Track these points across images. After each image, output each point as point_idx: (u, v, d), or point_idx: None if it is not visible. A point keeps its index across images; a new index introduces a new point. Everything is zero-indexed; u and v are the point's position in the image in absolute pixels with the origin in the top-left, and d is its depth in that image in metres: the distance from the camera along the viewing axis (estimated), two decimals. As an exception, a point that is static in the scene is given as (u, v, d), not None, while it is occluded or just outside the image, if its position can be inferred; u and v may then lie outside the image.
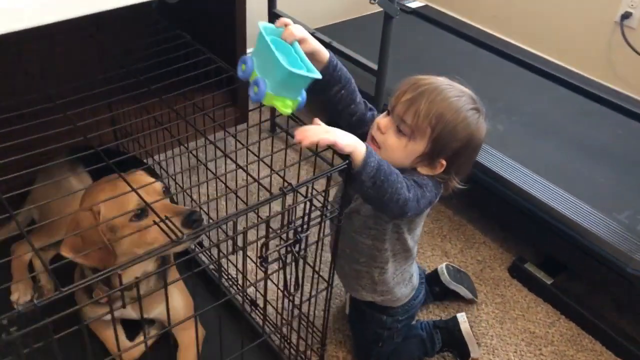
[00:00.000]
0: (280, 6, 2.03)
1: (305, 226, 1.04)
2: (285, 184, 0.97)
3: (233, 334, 1.29)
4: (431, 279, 1.69)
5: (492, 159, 1.85)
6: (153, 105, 1.34)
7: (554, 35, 2.70)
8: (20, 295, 1.53)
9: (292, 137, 1.02)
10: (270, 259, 1.02)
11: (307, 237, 1.06)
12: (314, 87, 1.09)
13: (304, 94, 1.04)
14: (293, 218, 1.01)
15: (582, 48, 2.61)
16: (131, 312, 1.36)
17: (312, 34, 1.93)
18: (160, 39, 1.43)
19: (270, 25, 1.08)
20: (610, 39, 2.49)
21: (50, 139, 1.13)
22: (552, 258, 1.80)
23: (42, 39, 1.63)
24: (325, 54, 1.17)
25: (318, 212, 1.08)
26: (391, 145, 1.19)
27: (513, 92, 2.21)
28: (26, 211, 1.71)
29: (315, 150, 1.04)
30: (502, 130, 1.99)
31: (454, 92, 1.18)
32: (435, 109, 1.15)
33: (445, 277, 1.67)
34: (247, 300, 1.50)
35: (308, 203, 1.02)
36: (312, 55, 1.14)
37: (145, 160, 1.74)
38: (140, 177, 1.18)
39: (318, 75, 1.00)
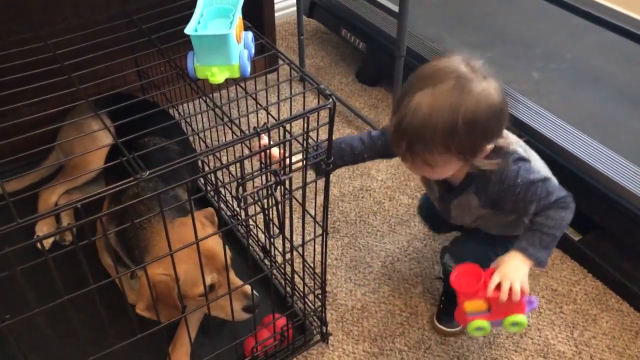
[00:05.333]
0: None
1: (287, 169, 1.02)
2: (262, 124, 0.95)
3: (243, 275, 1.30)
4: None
5: (523, 109, 1.74)
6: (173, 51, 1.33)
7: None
8: (44, 233, 1.60)
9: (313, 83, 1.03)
10: (250, 200, 1.00)
11: (290, 180, 1.04)
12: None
13: (242, 58, 1.01)
14: (269, 161, 0.99)
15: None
16: None
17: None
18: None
19: None
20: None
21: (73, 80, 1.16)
22: (583, 215, 1.69)
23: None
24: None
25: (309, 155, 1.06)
26: (435, 177, 1.20)
27: (553, 37, 2.05)
28: (54, 154, 1.79)
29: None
30: (537, 78, 1.87)
31: (438, 100, 1.03)
32: (433, 140, 1.04)
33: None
34: (254, 241, 1.51)
35: (290, 144, 0.99)
36: None
37: (165, 104, 1.76)
38: (216, 246, 1.21)
39: (224, 32, 0.97)
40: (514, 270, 1.13)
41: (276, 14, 2.39)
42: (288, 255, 1.23)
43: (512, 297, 1.11)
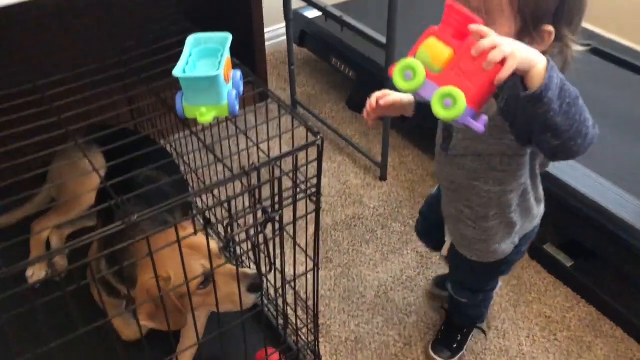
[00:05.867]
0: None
1: (277, 206, 1.02)
2: (251, 163, 0.96)
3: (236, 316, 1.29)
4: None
5: (512, 135, 1.75)
6: (164, 88, 1.33)
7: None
8: (35, 271, 1.59)
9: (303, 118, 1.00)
10: (239, 240, 1.01)
11: (281, 217, 1.05)
12: None
13: (231, 98, 1.01)
14: (260, 198, 0.99)
15: (620, 13, 2.44)
16: None
17: (326, 10, 1.88)
18: (171, 28, 1.42)
19: (210, 34, 1.06)
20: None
21: (67, 120, 1.16)
22: (574, 240, 1.70)
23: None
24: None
25: (299, 192, 1.06)
26: None
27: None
28: (46, 190, 1.79)
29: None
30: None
31: None
32: None
33: None
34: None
35: (279, 182, 1.00)
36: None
37: (159, 141, 1.76)
38: (198, 238, 1.15)
39: (212, 74, 0.95)
40: (520, 45, 0.81)
41: (267, 43, 2.42)
42: (280, 290, 1.23)
43: (487, 57, 0.79)
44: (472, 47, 0.81)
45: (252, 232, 1.01)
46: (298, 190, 1.07)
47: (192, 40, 1.05)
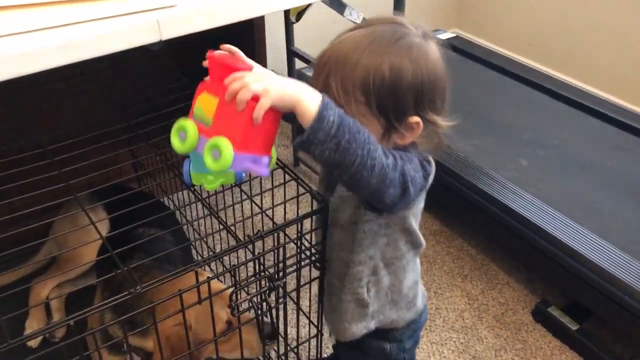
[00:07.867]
0: (297, 44, 2.04)
1: (281, 273, 1.02)
2: (256, 231, 0.96)
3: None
4: None
5: (512, 196, 1.77)
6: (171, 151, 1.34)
7: (593, 63, 2.60)
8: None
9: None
10: (243, 308, 1.00)
11: (284, 284, 1.04)
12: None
13: None
14: (264, 266, 0.99)
15: (621, 75, 2.50)
16: None
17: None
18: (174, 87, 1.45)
19: None
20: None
21: (70, 174, 1.18)
22: (578, 302, 1.69)
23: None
24: None
25: (302, 257, 1.06)
26: None
27: (541, 124, 2.11)
28: (47, 246, 1.78)
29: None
30: (525, 165, 1.91)
31: (363, 43, 0.88)
32: (351, 82, 0.87)
33: None
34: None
35: (283, 250, 1.00)
36: None
37: (161, 199, 1.77)
38: (216, 284, 1.13)
39: None
40: (282, 82, 0.81)
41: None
42: (284, 357, 1.21)
43: (237, 97, 0.78)
44: (224, 102, 0.79)
45: (256, 299, 1.01)
46: (302, 256, 1.07)
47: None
